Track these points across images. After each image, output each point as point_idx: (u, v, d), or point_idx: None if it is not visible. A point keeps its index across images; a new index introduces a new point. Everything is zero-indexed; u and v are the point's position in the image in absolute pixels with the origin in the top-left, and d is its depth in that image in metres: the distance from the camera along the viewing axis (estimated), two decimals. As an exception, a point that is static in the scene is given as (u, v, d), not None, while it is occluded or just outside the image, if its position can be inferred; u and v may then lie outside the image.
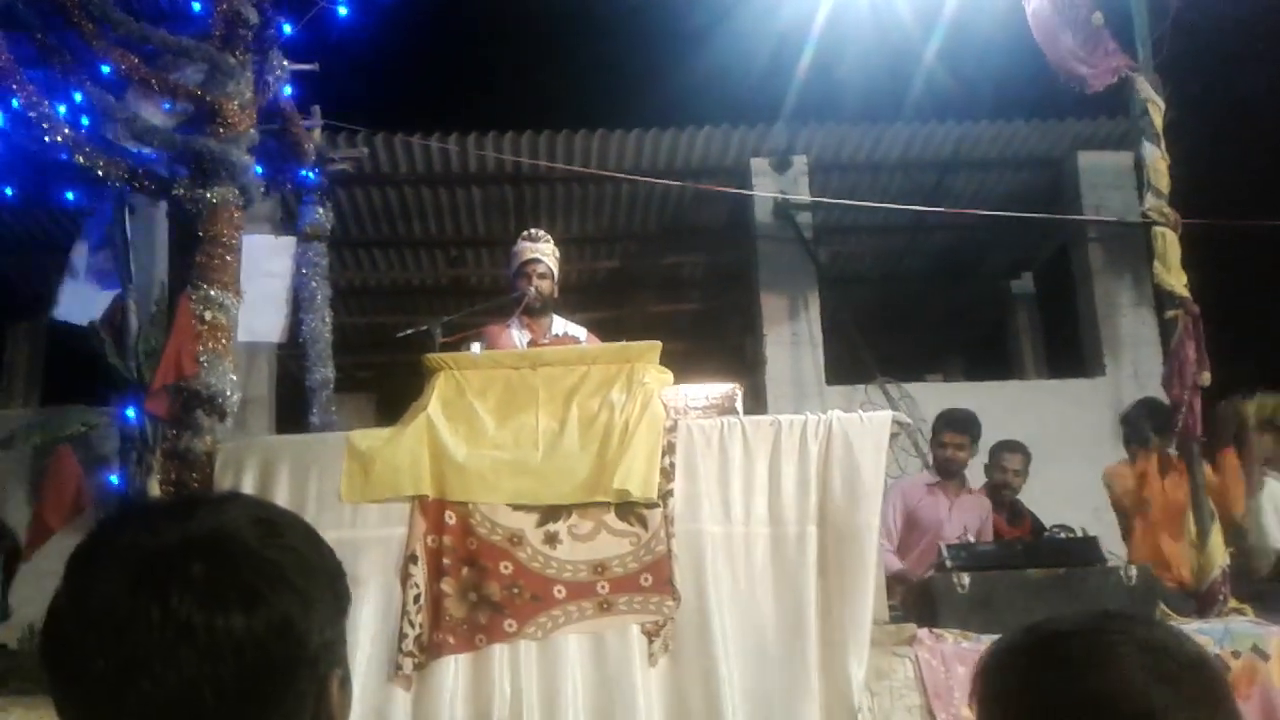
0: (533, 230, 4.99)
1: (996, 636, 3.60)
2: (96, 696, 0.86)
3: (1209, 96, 7.09)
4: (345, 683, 0.98)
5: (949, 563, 4.01)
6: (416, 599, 3.51)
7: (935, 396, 7.07)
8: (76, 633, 0.87)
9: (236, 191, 4.10)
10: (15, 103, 4.15)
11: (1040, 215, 8.37)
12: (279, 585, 0.90)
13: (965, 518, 5.27)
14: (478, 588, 3.53)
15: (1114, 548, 5.02)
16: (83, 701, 0.88)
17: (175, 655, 0.85)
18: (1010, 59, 7.13)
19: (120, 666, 0.85)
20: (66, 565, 0.92)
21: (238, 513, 0.95)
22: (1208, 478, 4.68)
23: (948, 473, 5.37)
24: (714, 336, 10.75)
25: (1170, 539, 4.91)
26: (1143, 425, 5.23)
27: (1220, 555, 4.35)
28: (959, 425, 5.43)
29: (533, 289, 4.74)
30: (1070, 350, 9.11)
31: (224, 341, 3.99)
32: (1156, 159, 4.73)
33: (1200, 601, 4.36)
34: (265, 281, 5.44)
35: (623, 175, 8.17)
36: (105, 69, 4.27)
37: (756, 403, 7.87)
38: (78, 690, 0.87)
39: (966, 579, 3.93)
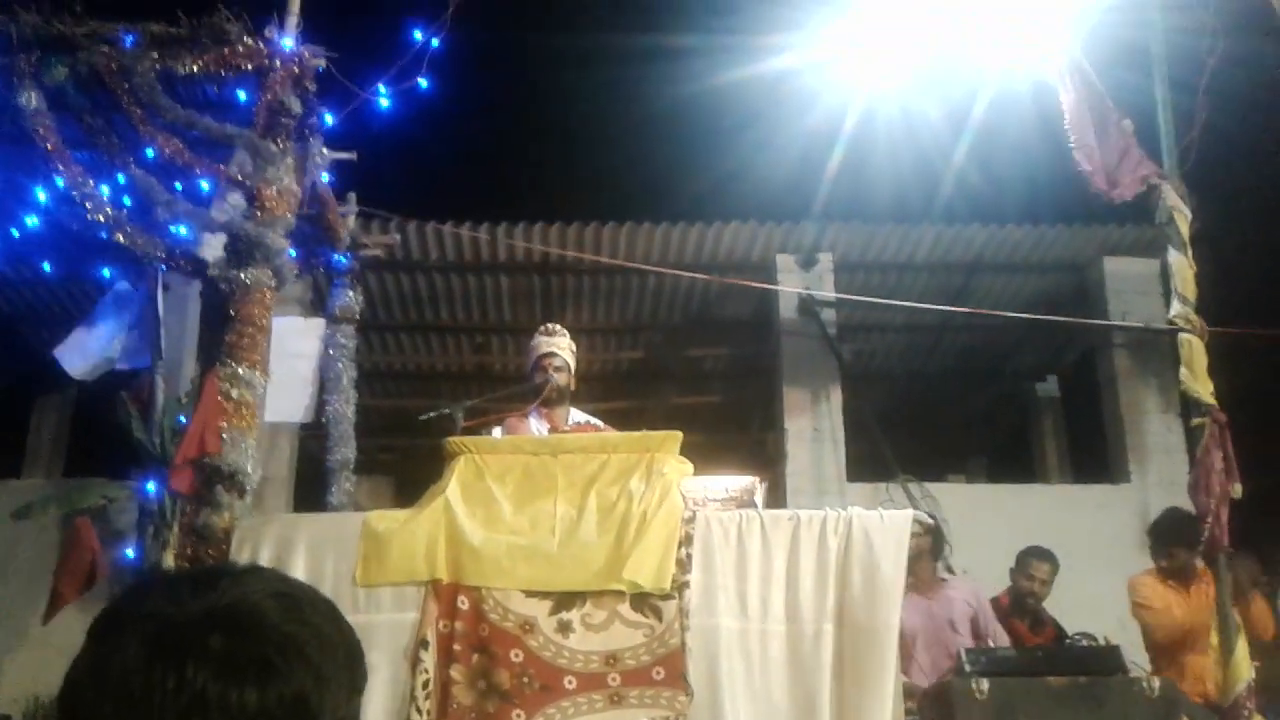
0: (549, 325, 5.08)
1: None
2: None
3: (1236, 204, 7.14)
4: (355, 763, 0.98)
5: (968, 667, 3.94)
6: (425, 685, 3.47)
7: (957, 498, 7.01)
8: (93, 700, 0.88)
9: (270, 273, 4.18)
10: (60, 182, 4.28)
11: (1066, 319, 8.39)
12: (295, 661, 0.90)
13: (951, 612, 5.16)
14: (487, 675, 3.48)
15: (1136, 658, 4.91)
16: None
17: None
18: (1038, 163, 7.25)
19: None
20: (88, 633, 0.93)
21: (260, 586, 0.95)
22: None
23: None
24: (735, 430, 10.74)
25: (1194, 653, 4.82)
26: (1169, 536, 5.16)
27: (1245, 669, 4.25)
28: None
29: (550, 378, 4.79)
30: (1095, 455, 9.03)
31: (249, 419, 4.02)
32: (1183, 266, 4.76)
33: (1224, 716, 4.25)
34: (293, 362, 5.52)
35: (649, 268, 8.27)
36: (150, 152, 4.40)
37: (776, 497, 7.82)
38: None
39: (985, 685, 3.85)
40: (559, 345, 4.94)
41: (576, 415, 4.94)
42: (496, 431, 4.47)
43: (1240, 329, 5.88)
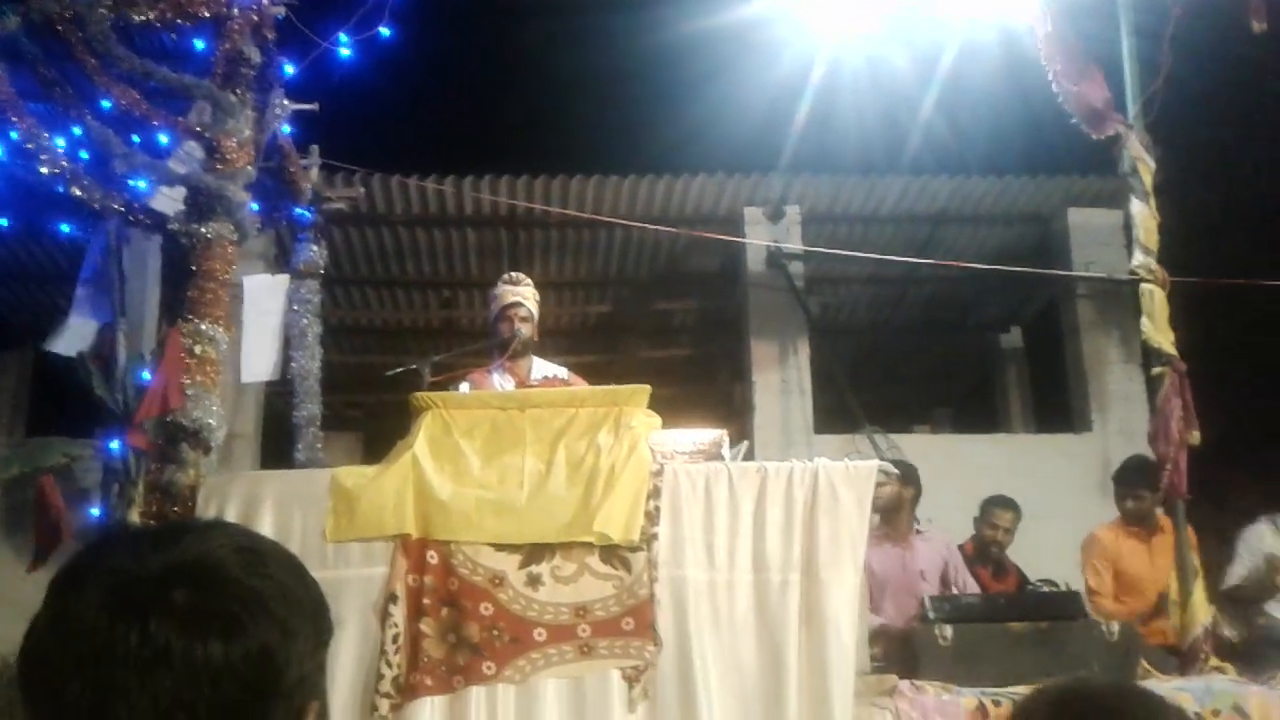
0: (513, 274, 5.02)
1: (979, 689, 3.58)
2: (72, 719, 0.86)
3: (1199, 155, 7.19)
4: (322, 716, 0.98)
5: (931, 614, 4.01)
6: (395, 639, 3.49)
7: (922, 448, 7.09)
8: (55, 655, 0.87)
9: (232, 227, 4.11)
10: (14, 134, 4.18)
11: (1030, 270, 8.46)
12: (260, 614, 0.90)
13: (923, 562, 5.27)
14: (457, 629, 3.50)
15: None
16: None
17: (152, 681, 0.85)
18: (1004, 114, 7.25)
19: (97, 690, 0.85)
20: (49, 588, 0.93)
21: (223, 541, 0.95)
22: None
23: (881, 512, 5.34)
24: (703, 383, 10.77)
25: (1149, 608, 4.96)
26: (1133, 478, 5.25)
27: (1203, 613, 4.34)
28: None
29: (518, 331, 4.76)
30: (1058, 405, 9.15)
31: (212, 375, 3.99)
32: (1145, 217, 4.78)
33: (1182, 659, 4.35)
34: (264, 320, 5.46)
35: (617, 221, 8.24)
36: (106, 104, 4.30)
37: (746, 450, 7.87)
38: (53, 714, 0.87)
39: (949, 631, 3.92)
40: (524, 295, 4.87)
41: (541, 367, 4.90)
42: (463, 386, 4.45)
43: (1202, 279, 5.94)
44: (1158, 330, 4.63)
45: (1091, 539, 5.52)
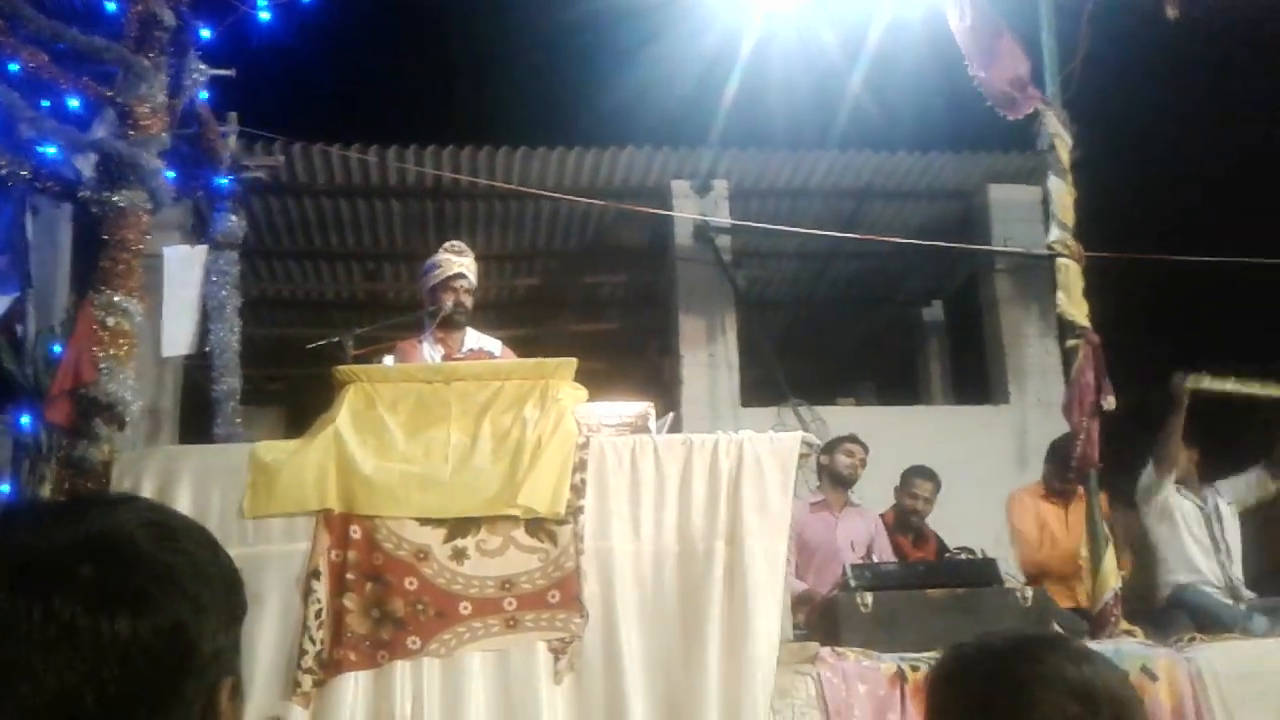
0: (455, 243, 4.91)
1: (898, 655, 3.68)
2: None
3: (1116, 132, 7.36)
4: (237, 692, 0.97)
5: (852, 582, 4.08)
6: (318, 615, 3.45)
7: (847, 420, 7.19)
8: None
9: (145, 196, 4.00)
10: (-87, 97, 4.02)
11: (951, 245, 8.59)
12: (170, 590, 0.89)
13: (852, 533, 5.38)
14: (381, 604, 3.48)
15: (1014, 570, 5.15)
16: None
17: (57, 659, 0.83)
18: (929, 91, 7.34)
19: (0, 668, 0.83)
20: None
21: (131, 515, 0.93)
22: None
23: (841, 483, 5.48)
24: (632, 356, 10.79)
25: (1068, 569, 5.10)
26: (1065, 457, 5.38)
27: (1113, 578, 4.49)
28: (856, 439, 5.60)
29: (461, 303, 4.69)
30: (977, 378, 9.35)
31: (126, 348, 3.88)
32: (1062, 193, 4.89)
33: (1093, 623, 4.50)
34: (183, 293, 5.34)
35: (544, 193, 8.18)
36: (13, 66, 4.15)
37: (673, 424, 7.91)
38: None
39: (869, 598, 4.00)
40: (467, 265, 4.78)
41: (474, 339, 4.85)
42: (388, 359, 4.39)
43: (1116, 253, 6.09)
44: (1072, 303, 4.74)
45: (1013, 497, 5.67)
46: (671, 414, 4.11)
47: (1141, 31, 5.69)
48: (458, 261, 4.77)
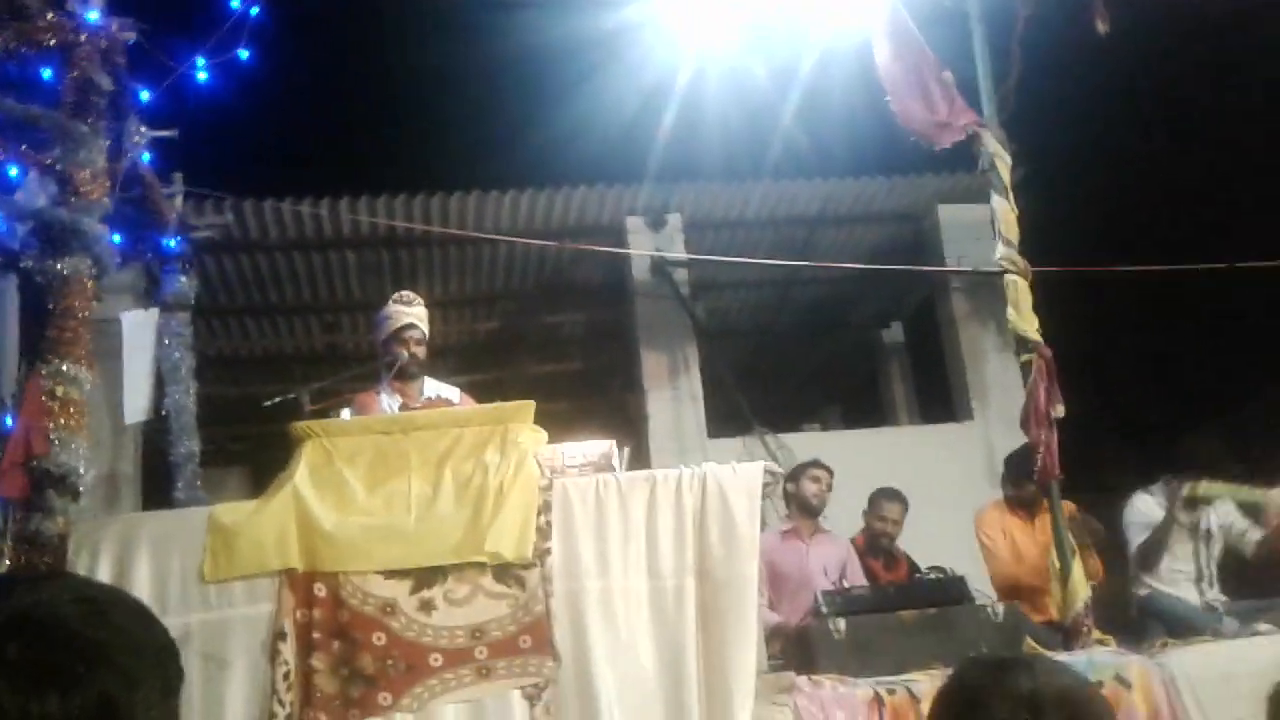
0: (404, 293, 4.90)
1: (874, 679, 3.66)
2: None
3: (1055, 148, 7.49)
4: (179, 764, 0.95)
5: (824, 609, 4.08)
6: (286, 676, 3.39)
7: (812, 446, 7.20)
8: None
9: (89, 262, 3.95)
10: None
11: (904, 267, 8.67)
12: (99, 665, 0.87)
13: (824, 559, 5.37)
14: (350, 662, 3.43)
15: (984, 588, 5.16)
16: None
17: None
18: (870, 118, 7.43)
19: None
20: None
21: (57, 592, 0.92)
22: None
23: (809, 511, 5.48)
24: (596, 395, 10.79)
25: (1037, 581, 5.11)
26: (1018, 468, 5.41)
27: (1083, 589, 4.50)
28: (820, 464, 5.61)
29: (413, 354, 4.68)
30: (940, 396, 9.41)
31: (78, 418, 3.82)
32: (1005, 210, 4.96)
33: (1065, 635, 4.51)
34: (141, 356, 5.28)
35: (499, 236, 8.19)
36: (-52, 137, 4.10)
37: (640, 459, 7.89)
38: None
39: (842, 624, 3.99)
40: (417, 315, 4.77)
41: (431, 387, 4.83)
42: (345, 412, 4.36)
43: (1061, 267, 6.18)
44: (1022, 318, 4.80)
45: (980, 514, 5.68)
46: (628, 447, 4.10)
47: (1076, 49, 5.81)
48: (406, 312, 4.76)
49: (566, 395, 10.25)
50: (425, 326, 4.80)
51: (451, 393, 4.82)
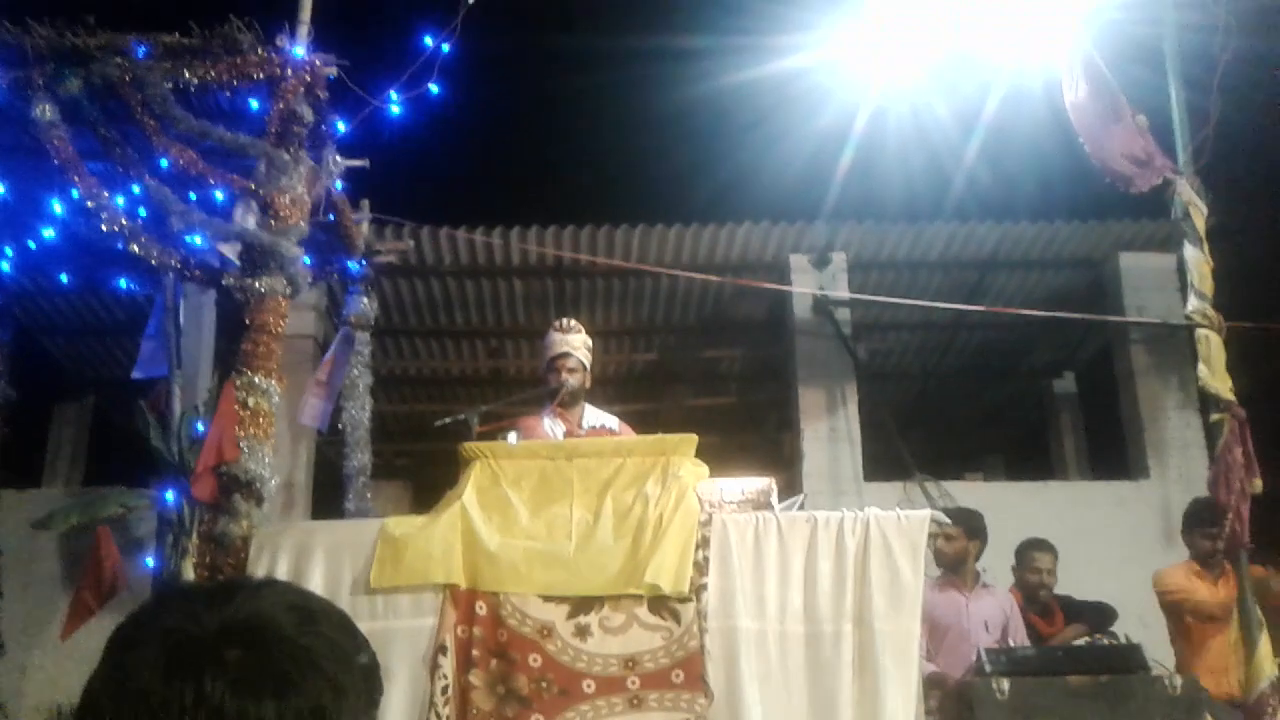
0: (563, 321, 4.98)
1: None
2: None
3: (1252, 199, 7.10)
4: (374, 772, 0.98)
5: (988, 667, 3.92)
6: (444, 690, 3.48)
7: (974, 495, 6.98)
8: (112, 714, 0.88)
9: (284, 282, 4.20)
10: (75, 193, 4.32)
11: (1082, 316, 8.35)
12: (311, 673, 0.91)
13: (985, 614, 5.16)
14: (506, 680, 3.49)
15: (1159, 656, 4.87)
16: None
17: None
18: (1051, 160, 7.22)
19: None
20: (106, 646, 0.94)
21: (274, 600, 0.96)
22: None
23: (948, 567, 5.26)
24: (751, 431, 10.72)
25: (1219, 637, 4.78)
26: (1199, 519, 5.09)
27: (1269, 665, 4.22)
28: (955, 517, 5.37)
29: (565, 382, 4.75)
30: (1113, 452, 8.98)
31: (265, 428, 4.04)
32: (1199, 262, 4.73)
33: (1248, 713, 4.22)
34: (337, 371, 5.61)
35: (662, 270, 8.27)
36: (164, 163, 4.42)
37: (800, 504, 7.80)
38: None
39: (1005, 684, 3.83)
40: (572, 344, 4.84)
41: (592, 415, 4.89)
42: (512, 435, 4.46)
43: (1258, 324, 5.83)
44: (1215, 376, 4.55)
45: (1160, 576, 5.30)
46: (803, 495, 4.05)
47: (1274, 95, 5.51)
48: (561, 340, 4.83)
49: (720, 430, 10.21)
50: (583, 355, 4.86)
51: (612, 421, 4.87)
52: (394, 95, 4.99)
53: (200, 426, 5.07)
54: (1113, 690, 3.86)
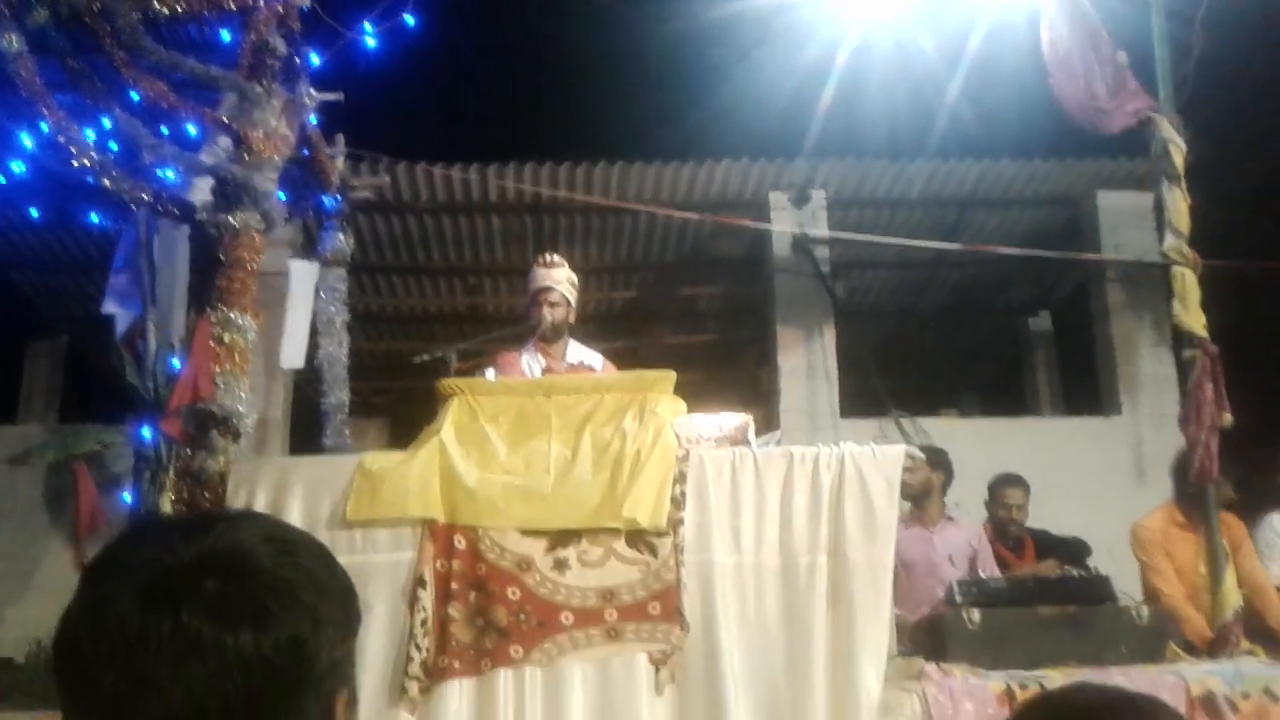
0: (547, 256, 4.95)
1: (1006, 672, 3.56)
2: (105, 710, 0.88)
3: (1231, 138, 7.09)
4: (352, 704, 0.99)
5: (959, 598, 3.99)
6: (423, 623, 3.51)
7: (950, 431, 7.06)
8: (88, 645, 0.89)
9: (259, 217, 4.14)
10: (44, 126, 4.23)
11: (1059, 254, 8.38)
12: (290, 604, 0.91)
13: (951, 547, 5.25)
14: (485, 613, 3.53)
15: (1127, 588, 4.97)
16: (91, 714, 0.89)
17: (184, 670, 0.86)
18: (1032, 97, 7.16)
19: (130, 680, 0.86)
20: (81, 578, 0.94)
21: (252, 531, 0.96)
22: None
23: (912, 499, 5.29)
24: (729, 368, 10.76)
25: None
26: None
27: (1234, 597, 4.31)
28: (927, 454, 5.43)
29: (545, 317, 4.74)
30: (1087, 389, 9.08)
31: (241, 364, 4.02)
32: (1177, 200, 4.73)
33: (1212, 643, 4.32)
34: (302, 306, 5.53)
35: (642, 207, 8.23)
36: (134, 95, 4.34)
37: (776, 440, 7.85)
38: (87, 703, 0.89)
39: (977, 615, 3.90)
40: (556, 278, 4.82)
41: (576, 351, 4.88)
42: (489, 372, 4.46)
43: (1234, 262, 5.87)
44: (1189, 313, 4.58)
45: (1139, 532, 5.26)
46: (778, 432, 4.08)
47: (1257, 33, 5.48)
48: (544, 275, 4.81)
49: (700, 367, 10.24)
50: (566, 290, 4.83)
51: (594, 358, 4.87)
52: (369, 27, 4.90)
53: (176, 363, 5.04)
54: (1081, 620, 3.94)
